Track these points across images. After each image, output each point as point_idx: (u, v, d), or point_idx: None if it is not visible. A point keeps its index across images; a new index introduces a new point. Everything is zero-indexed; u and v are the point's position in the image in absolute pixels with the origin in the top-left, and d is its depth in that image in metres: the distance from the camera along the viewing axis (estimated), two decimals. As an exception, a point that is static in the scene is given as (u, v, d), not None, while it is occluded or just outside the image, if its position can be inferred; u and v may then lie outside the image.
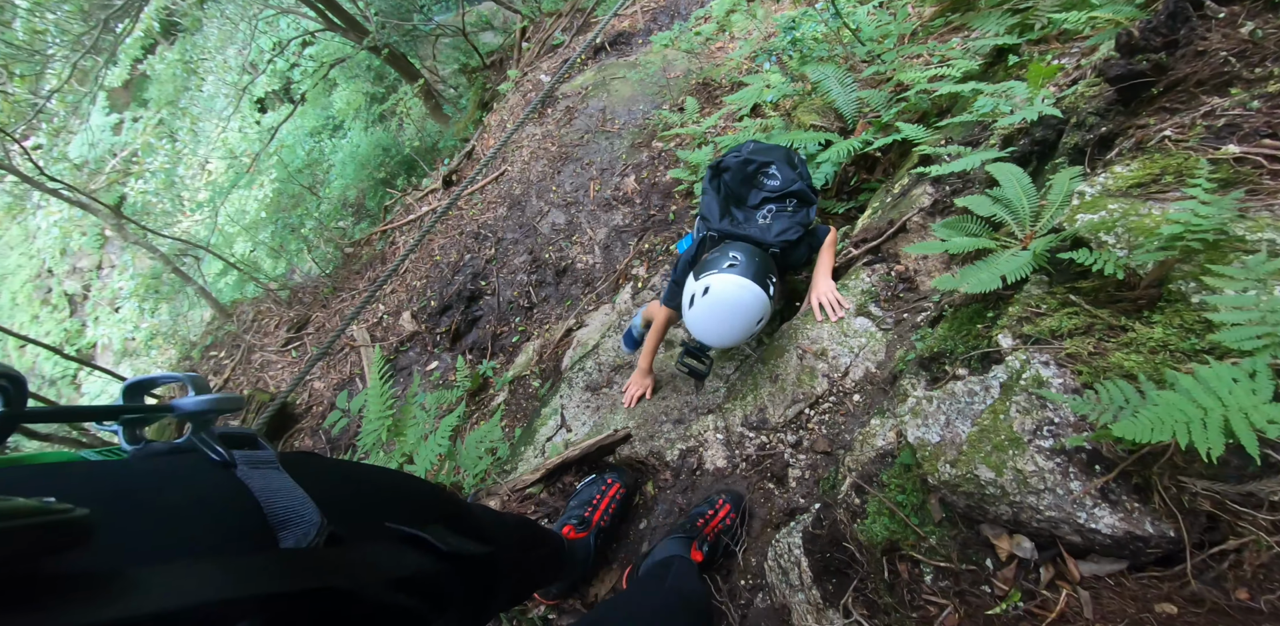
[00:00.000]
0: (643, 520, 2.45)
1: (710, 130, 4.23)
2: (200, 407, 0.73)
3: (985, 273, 1.46)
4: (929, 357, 1.61)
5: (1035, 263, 1.38)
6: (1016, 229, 1.55)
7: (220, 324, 7.70)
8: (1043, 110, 1.70)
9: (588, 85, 5.60)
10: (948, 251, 1.59)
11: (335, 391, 6.61)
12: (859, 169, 2.99)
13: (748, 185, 2.42)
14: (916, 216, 2.20)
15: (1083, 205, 1.34)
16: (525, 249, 5.49)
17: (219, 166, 9.76)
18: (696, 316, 2.10)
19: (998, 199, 1.61)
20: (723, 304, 2.04)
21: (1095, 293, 1.29)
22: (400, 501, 0.98)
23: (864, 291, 2.36)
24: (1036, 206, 1.56)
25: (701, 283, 2.07)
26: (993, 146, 1.95)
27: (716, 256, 2.11)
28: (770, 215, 2.38)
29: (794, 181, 2.35)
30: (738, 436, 2.43)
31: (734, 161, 2.40)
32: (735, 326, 2.09)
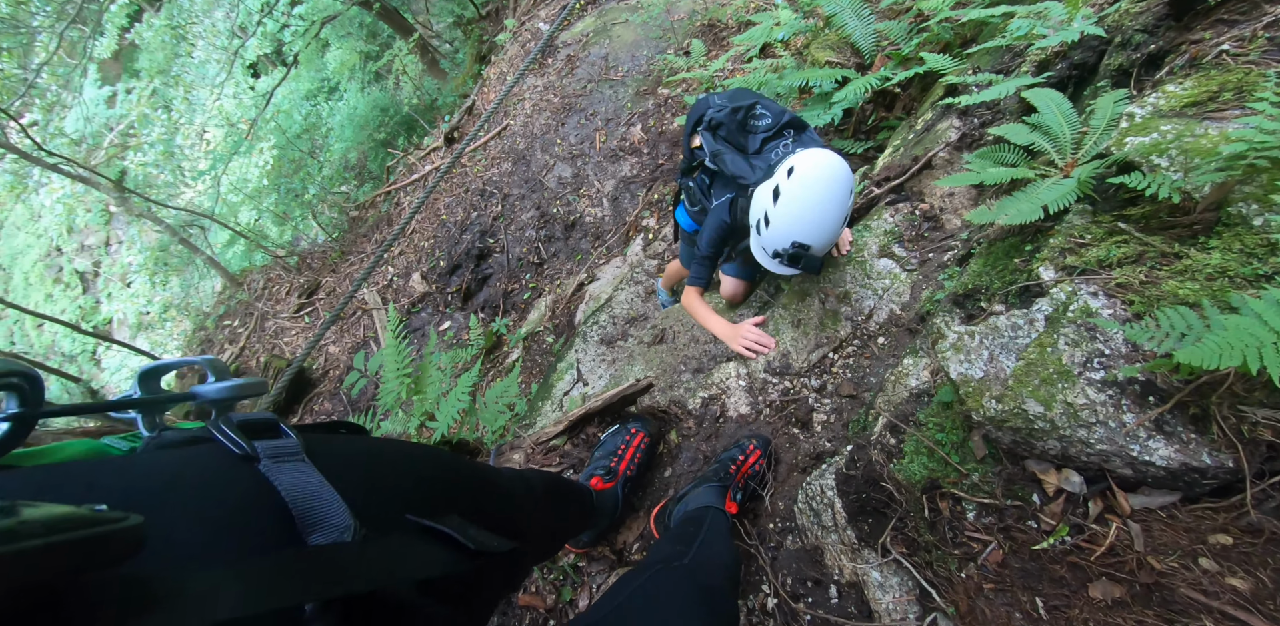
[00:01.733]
0: (668, 468, 2.44)
1: (718, 73, 4.08)
2: (222, 395, 0.70)
3: (1025, 203, 1.39)
4: (963, 294, 1.55)
5: (1080, 190, 1.30)
6: (1057, 157, 1.47)
7: (231, 293, 7.70)
8: (1085, 29, 1.59)
9: (588, 32, 5.39)
10: (982, 183, 1.51)
11: (350, 355, 6.64)
12: (877, 106, 2.87)
13: (744, 132, 2.28)
14: (943, 152, 2.11)
15: (1132, 128, 1.26)
16: (532, 204, 5.39)
17: (217, 135, 9.57)
18: (790, 207, 1.80)
19: (1035, 126, 1.52)
20: (823, 177, 1.74)
21: (1146, 219, 1.22)
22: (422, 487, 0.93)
23: (887, 232, 2.29)
24: (1078, 132, 1.47)
25: (781, 169, 1.81)
26: (1026, 73, 1.84)
27: (781, 155, 1.92)
28: (789, 147, 2.20)
29: (781, 112, 2.23)
30: (760, 382, 2.40)
31: (722, 116, 2.24)
32: (837, 205, 1.79)
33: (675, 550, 1.57)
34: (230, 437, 0.67)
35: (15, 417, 0.57)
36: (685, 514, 1.91)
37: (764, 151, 2.22)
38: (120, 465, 0.64)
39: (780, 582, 1.72)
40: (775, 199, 1.83)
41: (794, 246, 1.89)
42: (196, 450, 0.67)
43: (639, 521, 2.38)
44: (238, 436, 0.67)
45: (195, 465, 0.65)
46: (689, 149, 2.44)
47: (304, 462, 0.69)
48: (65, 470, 0.60)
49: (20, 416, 0.57)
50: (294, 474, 0.67)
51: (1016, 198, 1.45)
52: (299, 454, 0.70)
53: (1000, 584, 1.18)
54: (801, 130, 2.23)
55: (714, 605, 1.24)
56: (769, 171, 2.03)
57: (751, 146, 2.25)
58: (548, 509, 1.54)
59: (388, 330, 3.09)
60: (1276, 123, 1.08)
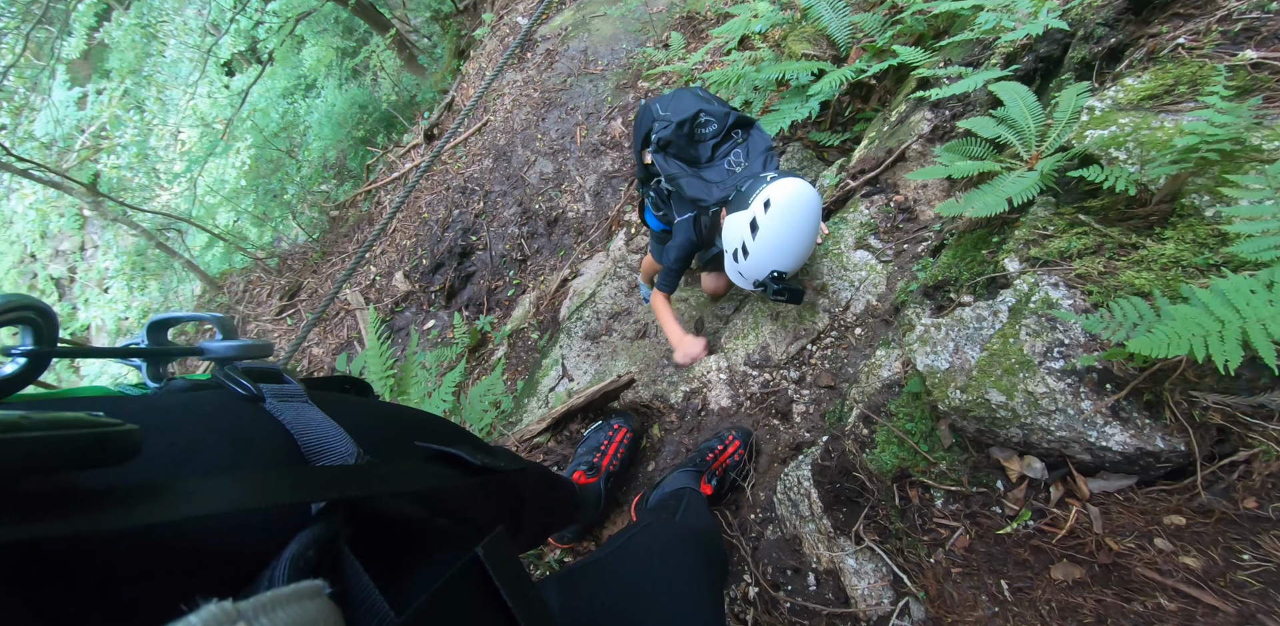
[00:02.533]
0: (650, 462, 2.48)
1: (697, 66, 4.10)
2: (229, 353, 0.72)
3: (990, 196, 1.42)
4: (933, 286, 1.59)
5: (1043, 183, 1.34)
6: (1022, 149, 1.51)
7: (211, 296, 7.65)
8: (1049, 23, 1.63)
9: (567, 25, 5.39)
10: (950, 177, 1.55)
11: (334, 356, 6.63)
12: (854, 98, 2.91)
13: (693, 143, 2.29)
14: (916, 144, 2.14)
15: (1092, 121, 1.30)
16: (514, 200, 5.40)
17: (192, 135, 9.47)
18: (768, 239, 1.89)
19: (1002, 119, 1.56)
20: (797, 207, 1.82)
21: (1105, 211, 1.26)
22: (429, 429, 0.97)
23: (862, 224, 2.33)
24: (1043, 125, 1.51)
25: (757, 202, 1.86)
26: (994, 66, 1.88)
27: (750, 183, 1.95)
28: (741, 155, 2.27)
29: (725, 114, 2.26)
30: (741, 375, 2.44)
31: (668, 133, 2.25)
32: (810, 231, 1.90)
33: (661, 515, 1.62)
34: (235, 380, 0.70)
35: (31, 354, 0.58)
36: (662, 494, 1.96)
37: (716, 158, 2.26)
38: (132, 400, 0.67)
39: (761, 572, 1.76)
40: (754, 232, 1.90)
41: (773, 275, 2.01)
42: (206, 393, 0.70)
43: (623, 516, 2.41)
44: (244, 379, 0.70)
45: (204, 401, 0.68)
46: (641, 163, 2.46)
47: (308, 404, 0.72)
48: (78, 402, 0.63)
49: (36, 353, 0.58)
50: (298, 411, 0.70)
51: (983, 190, 1.49)
52: (302, 395, 0.73)
53: (967, 568, 1.22)
54: (749, 127, 2.28)
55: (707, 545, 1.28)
56: (727, 188, 2.10)
57: (703, 155, 2.28)
58: (541, 493, 1.57)
59: (369, 331, 3.10)
60: (1225, 116, 1.12)
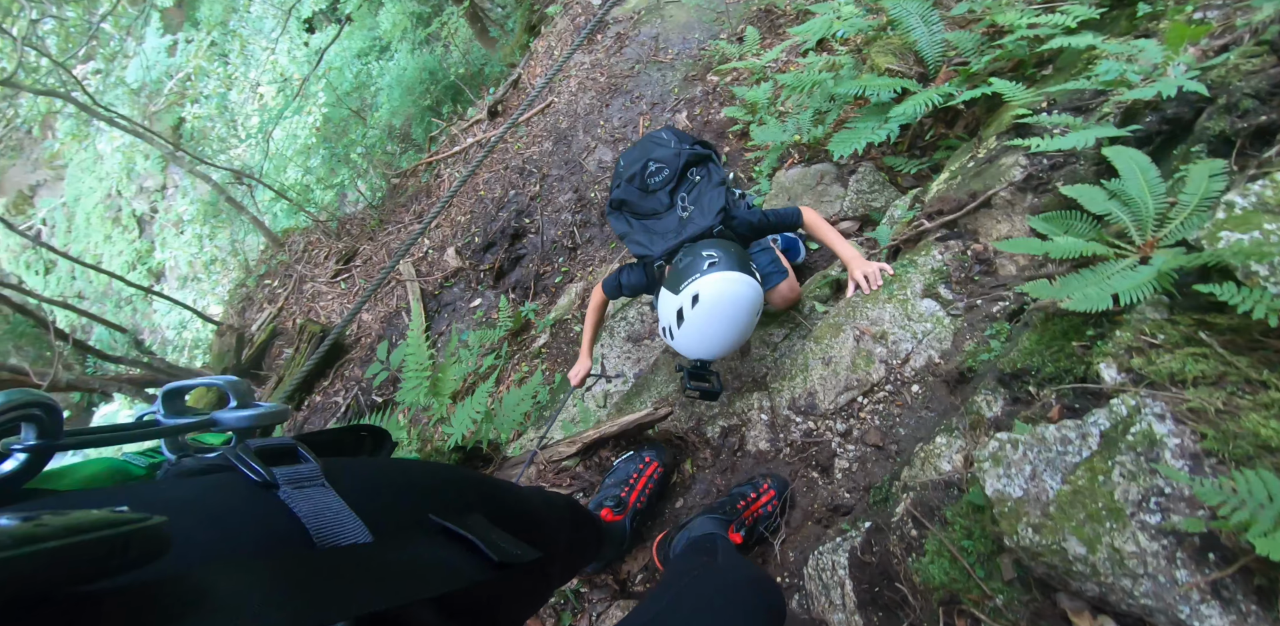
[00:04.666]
0: (679, 498, 2.36)
1: (771, 65, 3.84)
2: (243, 424, 0.69)
3: (1094, 287, 1.22)
4: (1010, 373, 1.40)
5: (1159, 283, 1.14)
6: (1135, 233, 1.29)
7: (273, 253, 7.78)
8: (1184, 85, 1.38)
9: (640, 9, 5.13)
10: (1048, 254, 1.34)
11: (383, 324, 6.69)
12: (937, 121, 2.65)
13: (649, 196, 2.24)
14: (1005, 191, 1.91)
15: (1229, 220, 1.08)
16: (570, 187, 5.26)
17: (269, 91, 9.57)
18: (692, 332, 1.89)
19: (1114, 193, 1.34)
20: (725, 307, 1.82)
21: (1233, 332, 1.05)
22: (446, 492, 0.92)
23: (934, 270, 2.11)
24: (1164, 205, 1.29)
25: (685, 293, 1.84)
26: (1107, 117, 1.63)
27: (689, 261, 1.89)
28: (686, 200, 2.20)
29: (675, 155, 2.19)
30: (783, 419, 2.29)
31: (624, 192, 2.26)
32: (739, 329, 1.90)
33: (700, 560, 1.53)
34: (249, 465, 0.67)
35: (33, 449, 0.58)
36: (690, 540, 1.85)
37: (675, 205, 2.21)
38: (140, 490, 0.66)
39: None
40: (679, 321, 1.88)
41: (695, 364, 2.08)
42: (216, 478, 0.68)
43: (645, 552, 2.31)
44: (256, 464, 0.67)
45: (215, 491, 0.66)
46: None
47: (323, 487, 0.70)
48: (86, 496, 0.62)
49: (37, 448, 0.58)
50: (313, 499, 0.67)
51: (1084, 276, 1.28)
52: (318, 479, 0.71)
53: (1013, 725, 1.07)
54: (704, 162, 2.24)
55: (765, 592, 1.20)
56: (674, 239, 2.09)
57: (661, 203, 2.24)
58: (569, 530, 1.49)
59: (411, 330, 3.04)
60: None
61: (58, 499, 0.61)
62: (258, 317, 7.93)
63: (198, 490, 0.66)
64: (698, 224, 2.14)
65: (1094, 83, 1.63)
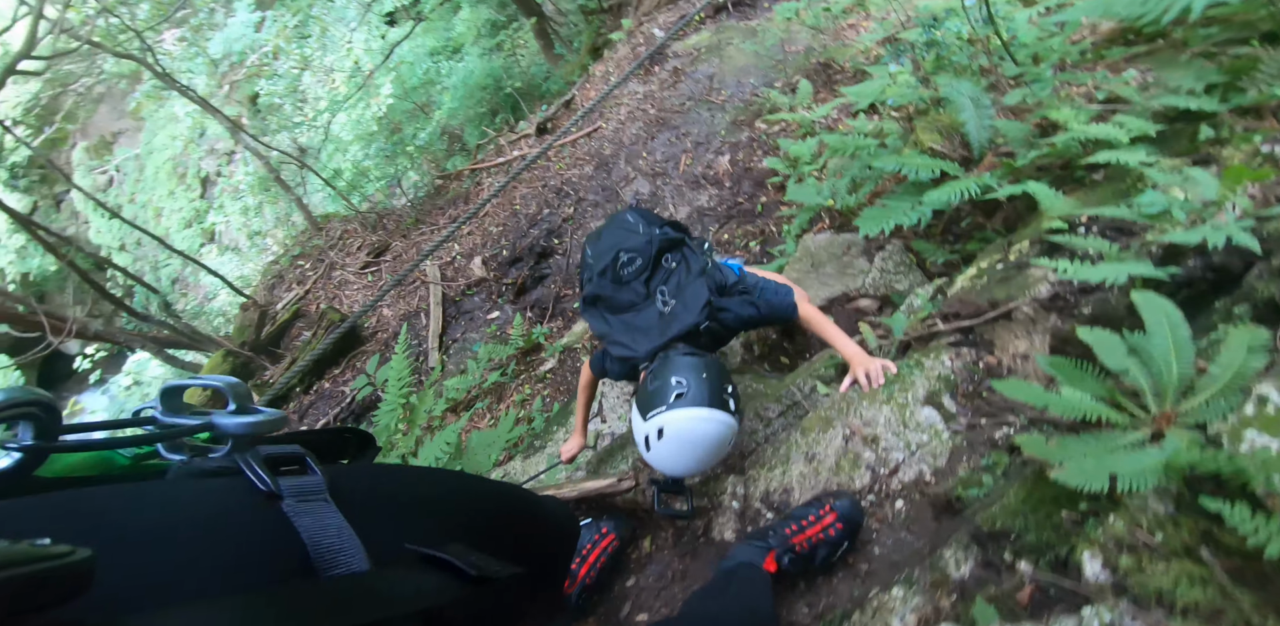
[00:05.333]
0: (633, 576, 2.20)
1: (820, 121, 3.71)
2: (240, 430, 0.67)
3: (1093, 459, 1.05)
4: (988, 532, 1.23)
5: (1166, 475, 0.96)
6: (1152, 400, 1.11)
7: (310, 236, 7.86)
8: (1234, 235, 1.21)
9: (701, 47, 5.05)
10: (1047, 408, 1.18)
11: (400, 321, 6.66)
12: (976, 209, 2.48)
13: (623, 288, 2.11)
14: (1027, 306, 1.74)
15: (1259, 419, 0.90)
16: (604, 214, 5.17)
17: (341, 78, 9.77)
18: (659, 458, 1.80)
19: (1135, 349, 1.16)
20: (686, 442, 1.72)
21: (1242, 558, 0.87)
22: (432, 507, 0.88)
23: (941, 377, 1.94)
24: (1190, 371, 1.11)
25: (652, 424, 1.73)
26: (1148, 249, 1.45)
27: (658, 386, 1.76)
28: (667, 293, 2.07)
29: (647, 241, 2.09)
30: (754, 512, 2.11)
31: (597, 287, 2.13)
32: (705, 459, 1.80)
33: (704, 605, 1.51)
34: (256, 473, 0.66)
35: (29, 449, 0.58)
36: (722, 571, 1.75)
37: (652, 294, 2.09)
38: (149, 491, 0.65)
39: None
40: (647, 447, 1.80)
41: (668, 479, 1.98)
42: (221, 483, 0.67)
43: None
44: (265, 473, 0.66)
45: (217, 501, 0.65)
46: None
47: (327, 503, 0.68)
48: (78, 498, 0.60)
49: (34, 448, 0.58)
50: (315, 516, 0.66)
51: (1085, 443, 1.11)
52: (322, 493, 0.69)
53: None
54: (679, 247, 2.13)
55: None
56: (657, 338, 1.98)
57: (637, 294, 2.10)
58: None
59: (397, 352, 2.96)
60: None
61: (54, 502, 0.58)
62: (284, 297, 8.00)
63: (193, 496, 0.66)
64: (682, 321, 1.99)
65: (1135, 213, 1.46)
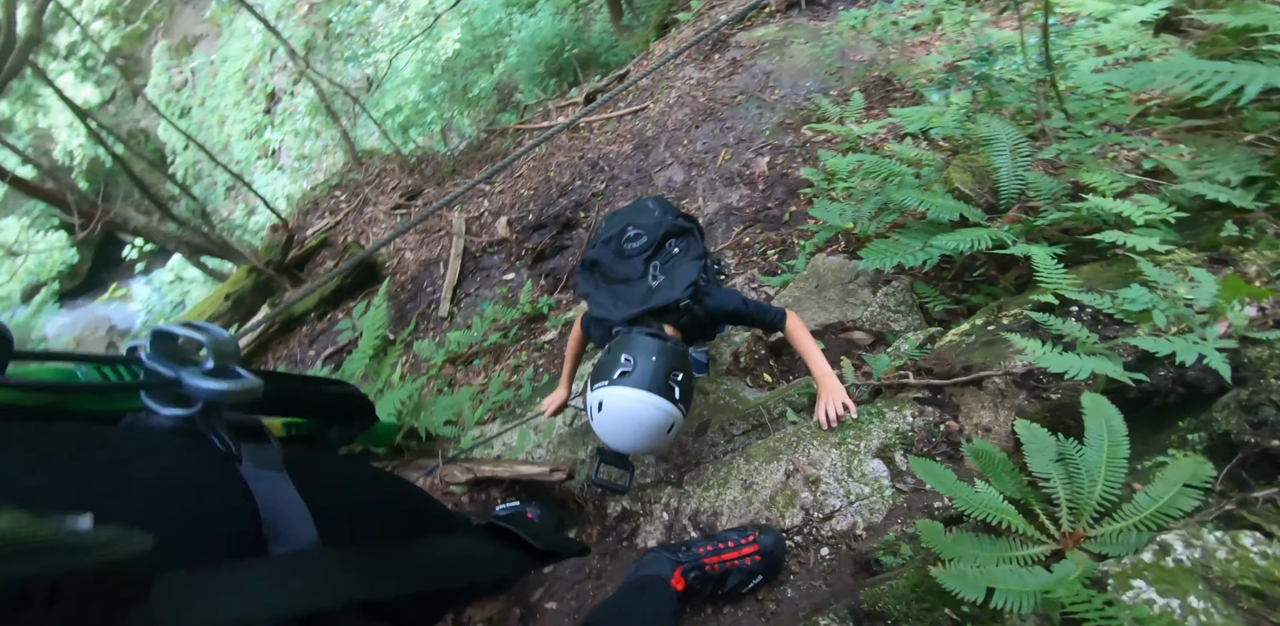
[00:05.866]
0: (550, 565, 2.20)
1: (865, 138, 3.56)
2: (207, 396, 0.65)
3: (979, 566, 0.98)
4: (866, 611, 1.17)
5: (1041, 603, 0.89)
6: (1066, 516, 1.03)
7: (350, 169, 7.89)
8: (1208, 356, 1.10)
9: (766, 41, 4.86)
10: (954, 499, 1.10)
11: (421, 267, 6.69)
12: (991, 261, 2.36)
13: (623, 261, 2.13)
14: (999, 378, 1.65)
15: (1153, 569, 0.82)
16: (634, 195, 5.08)
17: (413, 16, 9.69)
18: (600, 428, 1.80)
19: (1066, 457, 1.08)
20: (621, 420, 1.72)
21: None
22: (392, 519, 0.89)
23: (898, 431, 1.86)
24: (1116, 493, 1.03)
25: (593, 396, 1.74)
26: (1121, 347, 1.34)
27: (608, 360, 1.77)
28: (657, 269, 2.07)
29: (657, 225, 2.10)
30: (681, 527, 2.08)
31: (599, 253, 2.16)
32: (640, 441, 1.77)
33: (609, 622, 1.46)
34: (219, 435, 0.67)
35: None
36: (634, 579, 1.74)
37: (649, 272, 2.09)
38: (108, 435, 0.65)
39: None
40: (591, 417, 1.81)
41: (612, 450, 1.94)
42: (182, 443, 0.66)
43: (496, 603, 2.17)
44: (227, 437, 0.67)
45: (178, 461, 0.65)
46: None
47: (282, 474, 0.68)
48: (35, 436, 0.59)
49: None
50: (271, 483, 0.66)
51: (980, 544, 1.04)
52: (278, 464, 0.69)
53: None
54: (685, 235, 2.13)
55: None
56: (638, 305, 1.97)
57: (636, 271, 2.10)
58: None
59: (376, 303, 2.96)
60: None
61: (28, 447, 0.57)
62: (316, 224, 8.08)
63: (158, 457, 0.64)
64: (664, 295, 1.97)
65: (1115, 307, 1.35)
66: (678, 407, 1.73)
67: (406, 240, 7.04)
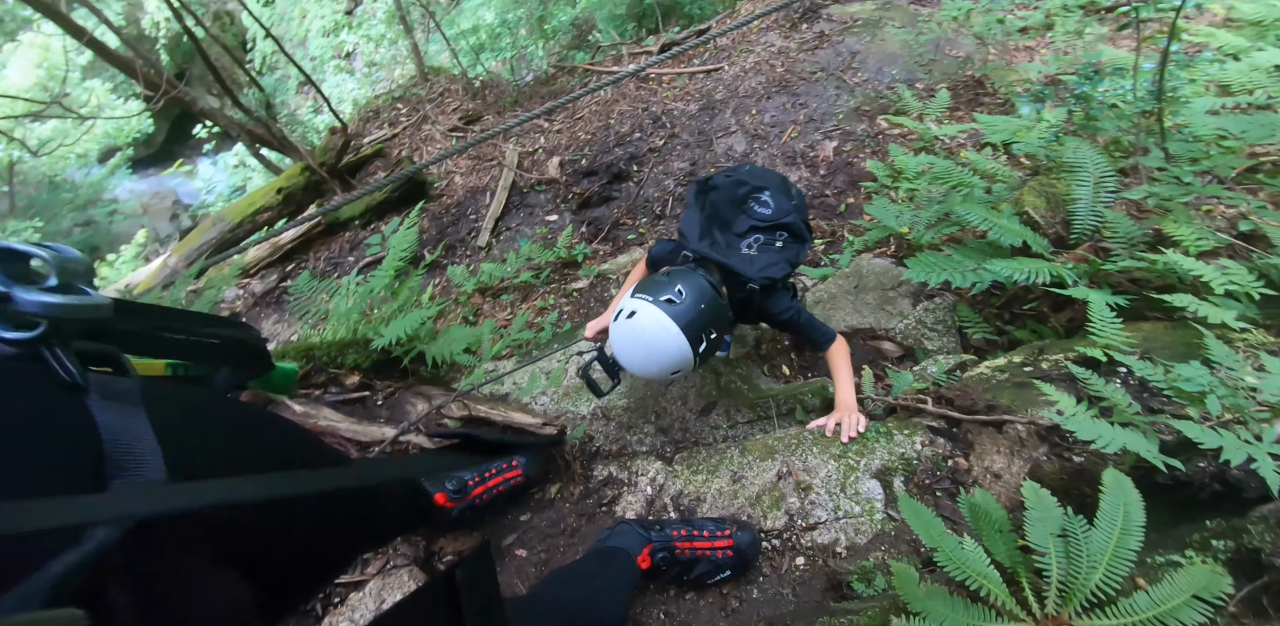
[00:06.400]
0: (528, 513, 2.16)
1: (942, 140, 3.35)
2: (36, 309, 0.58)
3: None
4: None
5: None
6: (1053, 596, 0.95)
7: (415, 84, 7.71)
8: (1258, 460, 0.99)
9: (859, 18, 4.53)
10: (936, 551, 1.03)
11: (467, 194, 6.60)
12: (1046, 297, 2.21)
13: (736, 209, 2.08)
14: (1024, 426, 1.55)
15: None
16: (690, 158, 4.89)
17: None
18: (615, 335, 1.77)
19: (1069, 533, 1.00)
20: (641, 338, 1.68)
21: None
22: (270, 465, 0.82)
23: (903, 456, 1.77)
24: (1118, 583, 0.95)
25: (630, 304, 1.70)
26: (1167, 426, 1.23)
27: (665, 281, 1.71)
28: (756, 245, 2.02)
29: (788, 212, 2.02)
30: (661, 505, 2.04)
31: (724, 181, 2.09)
32: (643, 365, 1.74)
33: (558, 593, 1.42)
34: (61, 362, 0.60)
35: None
36: (602, 548, 1.70)
37: (745, 236, 2.03)
38: None
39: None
40: (615, 319, 1.77)
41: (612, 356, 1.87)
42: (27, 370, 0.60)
43: (470, 539, 2.16)
44: (71, 364, 0.61)
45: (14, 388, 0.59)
46: None
47: (134, 406, 0.63)
48: None
49: None
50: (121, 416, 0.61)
51: (952, 605, 0.97)
52: (134, 397, 0.64)
53: None
54: (799, 241, 2.04)
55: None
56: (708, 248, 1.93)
57: (737, 226, 2.06)
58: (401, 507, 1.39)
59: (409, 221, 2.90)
60: None
61: None
62: (373, 133, 7.98)
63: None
64: (743, 266, 1.92)
65: (1167, 381, 1.23)
66: (695, 359, 1.70)
67: (458, 164, 6.93)
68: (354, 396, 2.50)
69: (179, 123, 15.12)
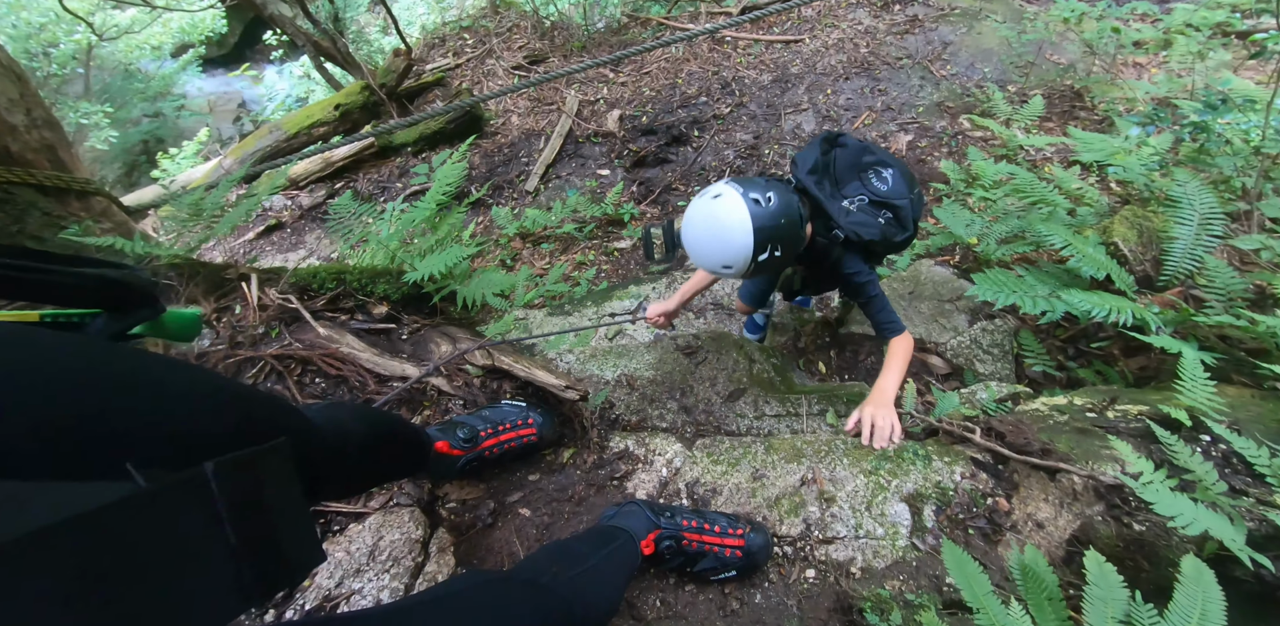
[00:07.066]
0: (538, 473, 2.09)
1: (1027, 150, 3.10)
2: None
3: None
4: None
5: None
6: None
7: (485, 15, 7.38)
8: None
9: (957, 7, 4.17)
10: (975, 610, 0.92)
11: (523, 135, 6.39)
12: (1119, 339, 2.04)
13: (853, 173, 1.95)
14: (1081, 479, 1.42)
15: None
16: (754, 131, 4.64)
17: None
18: (692, 209, 1.70)
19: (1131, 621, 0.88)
20: (714, 220, 1.62)
21: None
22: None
23: (939, 485, 1.65)
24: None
25: (723, 187, 1.63)
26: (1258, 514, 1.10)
27: (761, 183, 1.64)
28: (859, 205, 1.90)
29: (903, 197, 1.90)
30: (674, 491, 1.95)
31: (853, 142, 1.97)
32: (701, 245, 1.69)
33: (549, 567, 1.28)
34: None
35: None
36: (605, 526, 1.60)
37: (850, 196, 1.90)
38: None
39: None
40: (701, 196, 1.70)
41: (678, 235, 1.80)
42: None
43: (476, 490, 2.09)
44: None
45: None
46: None
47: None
48: None
49: None
50: None
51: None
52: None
53: None
54: (899, 226, 1.93)
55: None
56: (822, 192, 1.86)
57: (848, 189, 1.93)
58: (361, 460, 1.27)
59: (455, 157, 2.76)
60: None
61: None
62: (437, 61, 7.71)
63: None
64: (839, 214, 1.85)
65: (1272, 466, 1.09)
66: (749, 264, 1.64)
67: (517, 104, 6.69)
68: (379, 327, 2.40)
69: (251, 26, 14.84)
